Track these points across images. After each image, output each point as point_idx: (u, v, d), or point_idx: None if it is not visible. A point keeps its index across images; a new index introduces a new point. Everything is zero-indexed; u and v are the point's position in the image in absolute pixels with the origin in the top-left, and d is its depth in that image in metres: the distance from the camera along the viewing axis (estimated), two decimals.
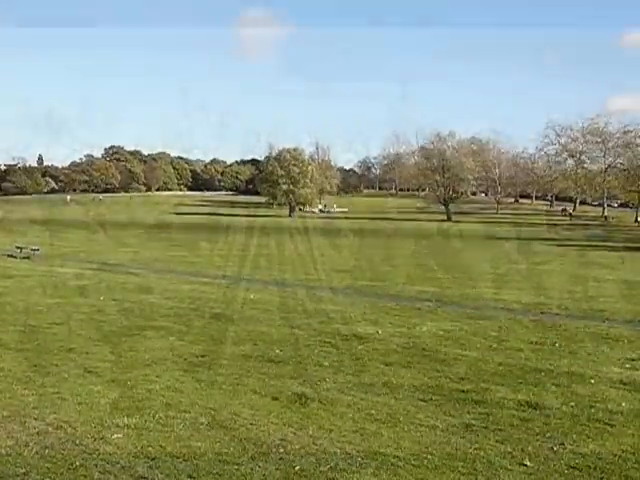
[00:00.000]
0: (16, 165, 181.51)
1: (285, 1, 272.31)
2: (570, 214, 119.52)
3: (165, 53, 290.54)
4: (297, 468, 6.49)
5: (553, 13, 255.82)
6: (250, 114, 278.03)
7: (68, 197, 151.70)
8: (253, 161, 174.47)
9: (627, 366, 11.14)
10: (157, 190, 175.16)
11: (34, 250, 30.53)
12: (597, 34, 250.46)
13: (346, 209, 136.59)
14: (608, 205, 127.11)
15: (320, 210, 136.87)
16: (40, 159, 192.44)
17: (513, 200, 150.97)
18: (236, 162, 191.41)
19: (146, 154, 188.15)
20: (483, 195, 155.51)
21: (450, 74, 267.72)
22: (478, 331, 14.10)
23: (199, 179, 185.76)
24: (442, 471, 6.50)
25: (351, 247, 47.30)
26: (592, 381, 10.01)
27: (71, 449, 6.86)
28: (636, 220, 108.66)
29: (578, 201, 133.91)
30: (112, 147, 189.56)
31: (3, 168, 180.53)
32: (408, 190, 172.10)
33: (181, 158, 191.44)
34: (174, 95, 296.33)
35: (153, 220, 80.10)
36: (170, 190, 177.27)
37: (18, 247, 31.04)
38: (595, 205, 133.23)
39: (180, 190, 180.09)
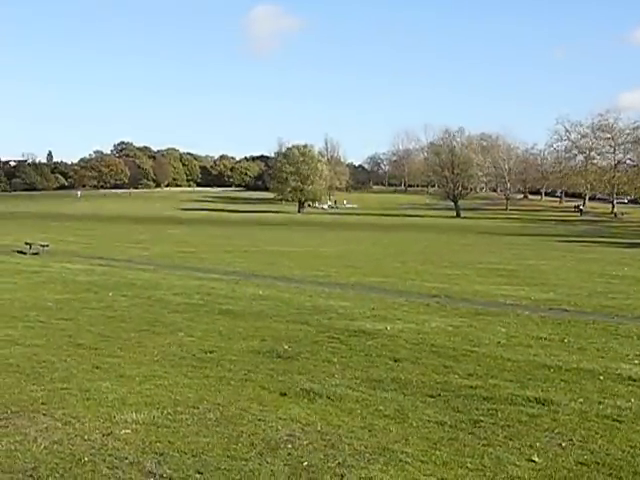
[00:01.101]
0: (26, 161, 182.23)
1: None
2: (581, 210, 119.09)
3: (175, 48, 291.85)
4: (305, 464, 6.48)
5: (563, 9, 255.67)
6: (259, 109, 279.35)
7: (78, 193, 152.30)
8: (262, 157, 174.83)
9: (636, 362, 11.10)
10: (167, 186, 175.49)
11: (43, 246, 30.61)
12: (608, 30, 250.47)
13: (355, 205, 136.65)
14: (618, 202, 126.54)
15: (329, 206, 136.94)
16: (50, 155, 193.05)
17: (522, 196, 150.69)
18: (245, 158, 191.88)
19: (155, 150, 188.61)
20: (489, 191, 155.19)
21: (460, 70, 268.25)
22: (487, 327, 14.08)
23: (208, 175, 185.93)
24: (450, 467, 6.49)
25: (360, 243, 47.28)
26: (601, 377, 9.98)
27: (79, 444, 6.88)
28: None
29: (587, 197, 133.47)
30: (121, 143, 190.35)
31: (13, 164, 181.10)
32: (417, 186, 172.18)
33: (190, 154, 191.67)
34: (183, 90, 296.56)
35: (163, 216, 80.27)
36: (179, 186, 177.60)
37: (27, 243, 31.12)
38: (605, 201, 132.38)
39: (189, 186, 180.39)
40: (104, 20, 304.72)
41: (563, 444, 7.15)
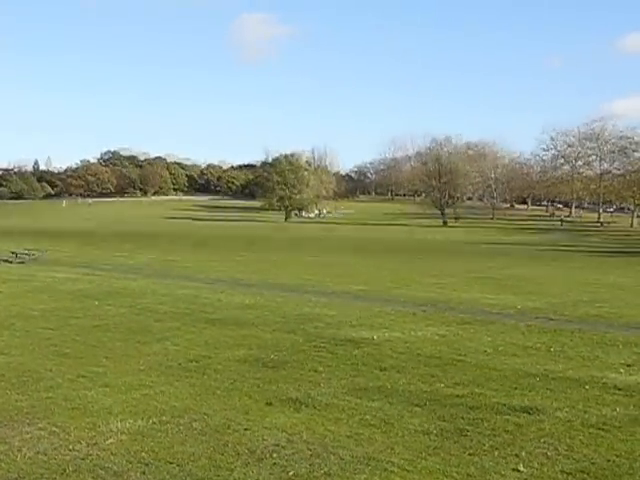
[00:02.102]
0: (12, 170, 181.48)
1: (287, 3, 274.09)
2: (562, 220, 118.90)
3: (164, 56, 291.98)
4: (291, 473, 6.47)
5: (551, 16, 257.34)
6: (249, 117, 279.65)
7: (66, 201, 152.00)
8: (250, 166, 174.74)
9: (622, 371, 11.14)
10: (154, 194, 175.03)
11: (29, 255, 30.50)
12: (601, 37, 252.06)
13: (343, 213, 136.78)
14: (604, 211, 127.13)
15: (316, 215, 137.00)
16: (36, 164, 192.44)
17: (509, 205, 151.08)
18: (232, 167, 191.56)
19: (142, 159, 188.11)
20: (476, 200, 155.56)
21: (452, 78, 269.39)
22: (473, 336, 14.09)
23: (195, 183, 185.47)
24: (436, 476, 6.49)
25: (346, 251, 47.29)
26: (587, 386, 10.01)
27: (64, 454, 6.84)
28: (632, 225, 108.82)
29: (574, 206, 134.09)
30: (108, 152, 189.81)
31: None
32: (404, 195, 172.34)
33: (177, 163, 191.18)
34: (172, 98, 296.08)
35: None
36: (167, 194, 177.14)
37: (13, 252, 31.00)
38: (590, 210, 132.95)
39: (177, 194, 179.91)
40: (93, 29, 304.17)
41: (549, 453, 7.17)
